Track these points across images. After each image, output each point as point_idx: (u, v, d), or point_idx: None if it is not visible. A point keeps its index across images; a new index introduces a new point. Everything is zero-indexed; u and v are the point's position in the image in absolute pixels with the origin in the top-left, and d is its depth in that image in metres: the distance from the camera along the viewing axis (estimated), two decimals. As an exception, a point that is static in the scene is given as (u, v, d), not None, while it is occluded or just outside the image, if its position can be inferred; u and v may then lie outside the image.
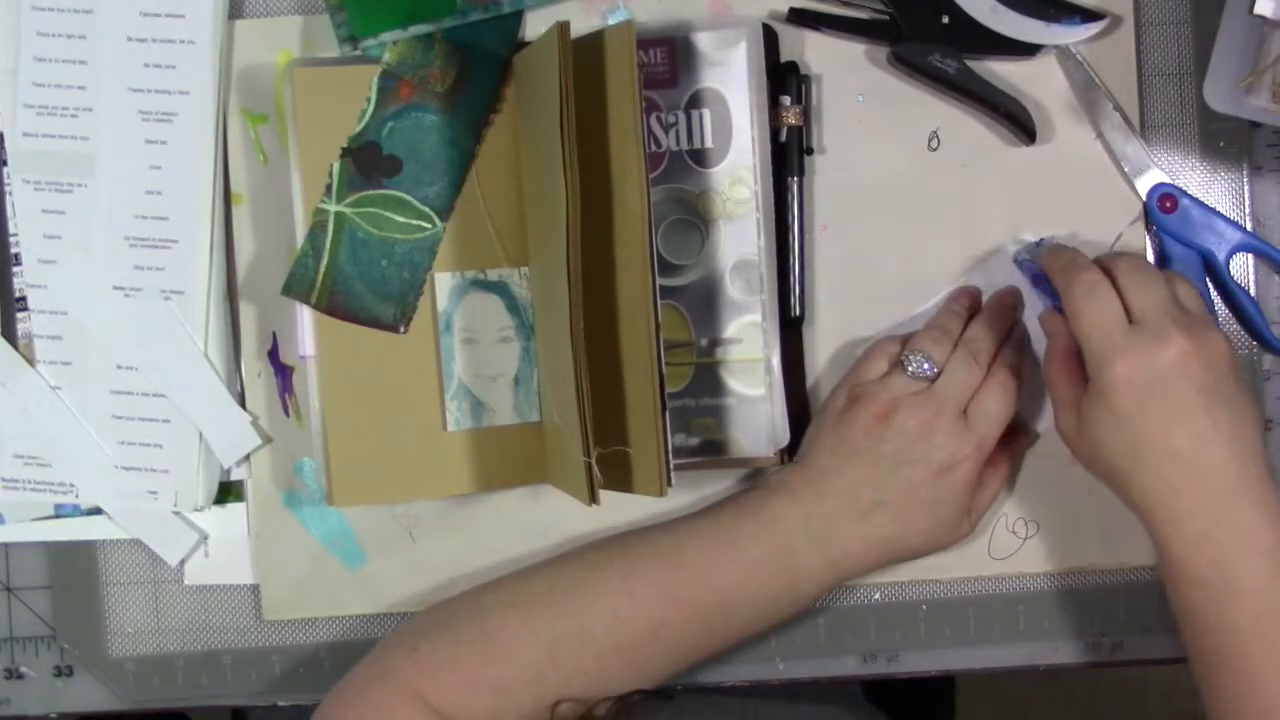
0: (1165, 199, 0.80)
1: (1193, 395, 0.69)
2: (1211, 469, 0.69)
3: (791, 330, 0.80)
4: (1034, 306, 0.80)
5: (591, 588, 0.74)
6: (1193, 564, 0.69)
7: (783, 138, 0.79)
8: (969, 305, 0.79)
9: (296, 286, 0.78)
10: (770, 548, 0.74)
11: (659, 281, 0.71)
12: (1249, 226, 0.81)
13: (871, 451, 0.74)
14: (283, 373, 0.81)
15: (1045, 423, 0.81)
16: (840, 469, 0.75)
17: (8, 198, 0.80)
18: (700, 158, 0.79)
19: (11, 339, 0.81)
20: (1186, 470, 0.69)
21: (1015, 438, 0.80)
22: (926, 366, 0.75)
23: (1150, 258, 0.81)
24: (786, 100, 0.79)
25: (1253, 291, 0.81)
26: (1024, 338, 0.80)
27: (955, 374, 0.75)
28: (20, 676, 0.83)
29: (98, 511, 0.82)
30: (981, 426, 0.75)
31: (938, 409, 0.74)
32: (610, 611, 0.73)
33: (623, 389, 0.74)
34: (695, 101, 0.78)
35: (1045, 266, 0.76)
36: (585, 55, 0.73)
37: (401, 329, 0.79)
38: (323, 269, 0.78)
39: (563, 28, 0.71)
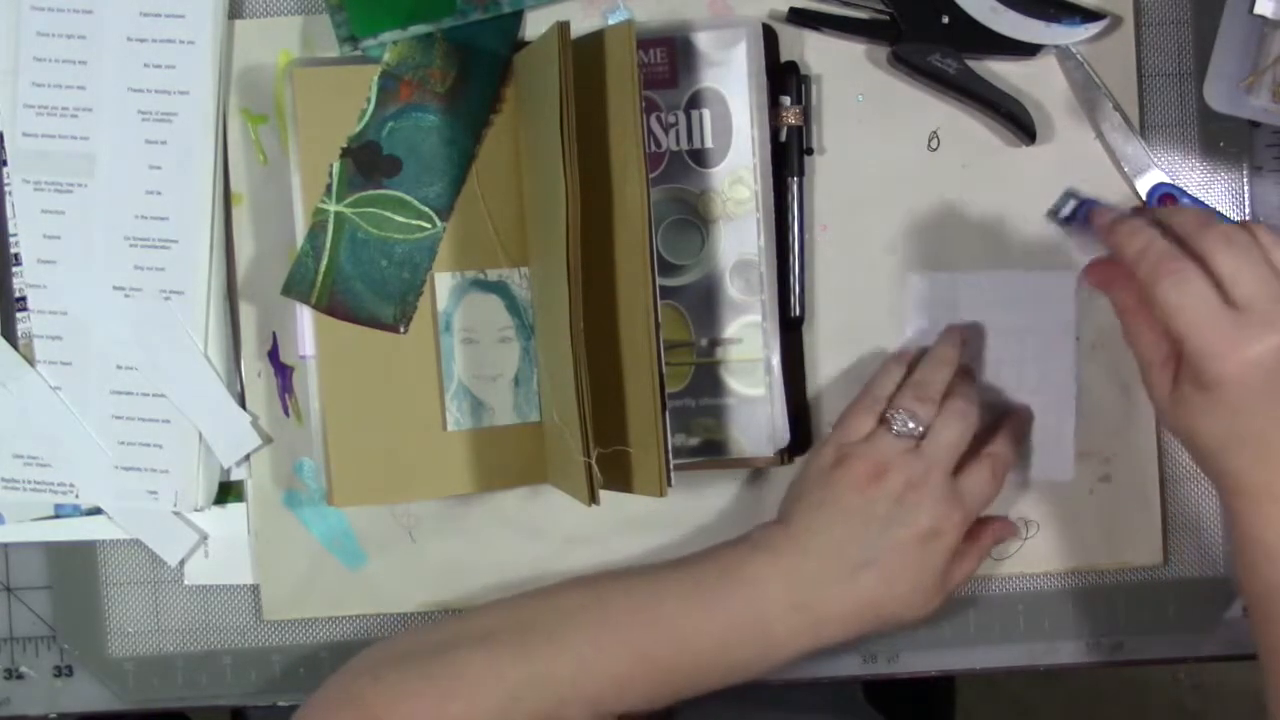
0: (1165, 199, 0.80)
1: None
2: None
3: (791, 330, 0.80)
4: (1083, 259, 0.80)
5: (562, 635, 0.72)
6: (1269, 540, 0.67)
7: (783, 138, 0.79)
8: (955, 347, 0.78)
9: (296, 286, 0.78)
10: (749, 611, 0.73)
11: (659, 281, 0.71)
12: (1249, 226, 0.81)
13: (863, 511, 0.73)
14: (283, 373, 0.81)
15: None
16: (827, 527, 0.73)
17: (8, 198, 0.80)
18: (700, 158, 0.79)
19: (11, 339, 0.81)
20: None
21: (1000, 525, 0.80)
22: (911, 425, 0.74)
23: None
24: (786, 100, 0.79)
25: (1253, 291, 0.81)
26: (1024, 415, 0.80)
27: (944, 434, 0.74)
28: (20, 676, 0.83)
29: (98, 511, 0.82)
30: (969, 500, 0.74)
31: (927, 471, 0.73)
32: (578, 662, 0.72)
33: (623, 389, 0.74)
34: (695, 101, 0.78)
35: (1113, 247, 0.72)
36: (585, 55, 0.73)
37: (401, 329, 0.79)
38: (323, 269, 0.78)
39: (562, 28, 0.71)
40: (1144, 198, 0.80)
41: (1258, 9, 0.77)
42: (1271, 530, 0.67)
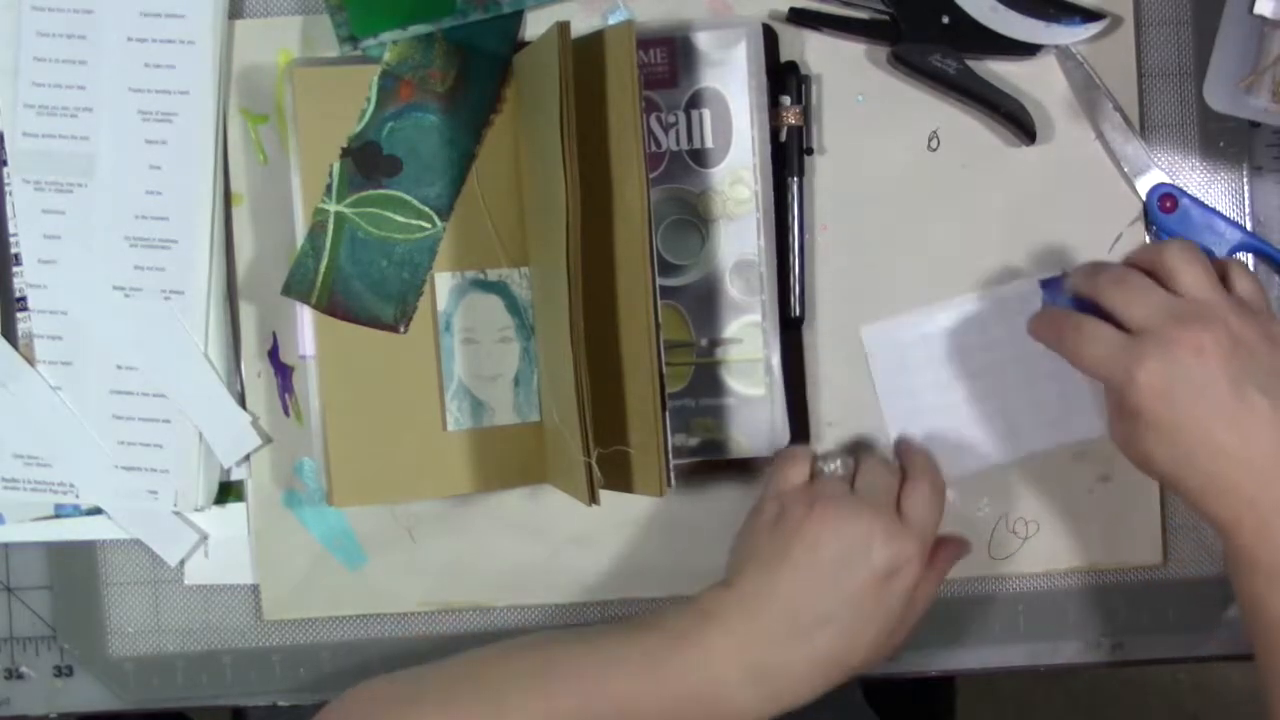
0: (1165, 199, 0.80)
1: (1219, 385, 0.67)
2: (1261, 456, 0.67)
3: (791, 330, 0.80)
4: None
5: (514, 701, 0.70)
6: (1257, 553, 0.67)
7: (783, 138, 0.79)
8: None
9: (296, 286, 0.78)
10: (699, 682, 0.70)
11: (659, 281, 0.71)
12: (1249, 226, 0.81)
13: (810, 562, 0.70)
14: (283, 373, 0.81)
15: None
16: (777, 585, 0.70)
17: (8, 198, 0.80)
18: (700, 158, 0.79)
19: (11, 339, 0.81)
20: (1236, 463, 0.67)
21: (955, 545, 0.77)
22: (838, 464, 0.76)
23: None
24: (786, 100, 0.79)
25: (1253, 291, 0.81)
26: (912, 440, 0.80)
27: (874, 473, 0.74)
28: (20, 676, 0.83)
29: (98, 511, 0.82)
30: (918, 523, 0.72)
31: (873, 510, 0.71)
32: None
33: (623, 389, 0.74)
34: (695, 101, 0.78)
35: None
36: (585, 55, 0.73)
37: (401, 329, 0.79)
38: (323, 269, 0.78)
39: (562, 28, 0.71)
40: (1144, 197, 0.80)
41: (1258, 9, 0.77)
42: (1252, 539, 0.68)
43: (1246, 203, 0.82)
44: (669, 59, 0.78)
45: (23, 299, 0.81)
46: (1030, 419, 0.80)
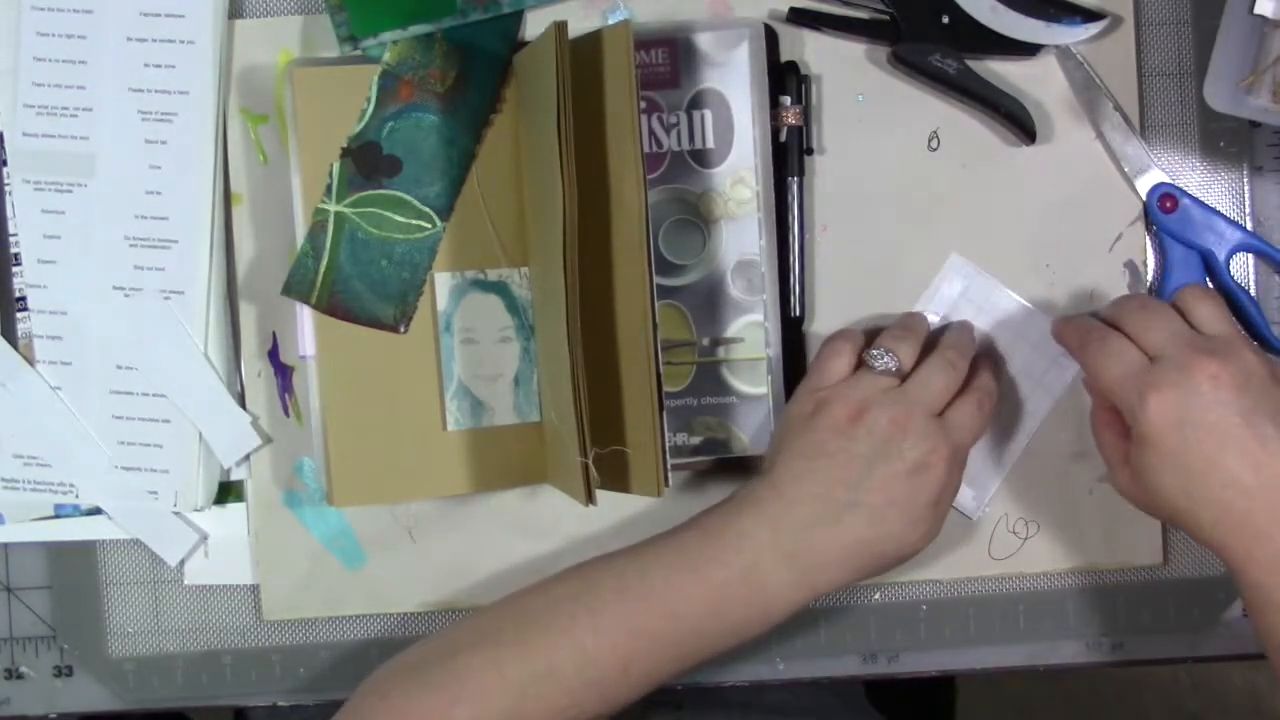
0: (1165, 199, 0.80)
1: (1232, 417, 0.68)
2: (1273, 489, 0.67)
3: (792, 330, 0.80)
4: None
5: (559, 625, 0.71)
6: (1271, 588, 0.67)
7: (783, 138, 0.79)
8: (925, 321, 0.79)
9: (296, 286, 0.78)
10: (738, 570, 0.71)
11: (661, 281, 0.71)
12: (1249, 226, 0.81)
13: (845, 452, 0.72)
14: (283, 373, 0.81)
15: (1022, 440, 0.81)
16: (811, 473, 0.72)
17: (8, 198, 0.80)
18: (702, 158, 0.79)
19: (11, 339, 0.81)
20: (1247, 494, 0.67)
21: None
22: (891, 361, 0.74)
23: (1150, 258, 0.81)
24: (786, 100, 0.79)
25: (1253, 291, 0.81)
26: (1001, 362, 0.80)
27: (931, 378, 0.74)
28: (20, 676, 0.83)
29: (98, 511, 0.82)
30: (956, 433, 0.73)
31: (911, 408, 0.72)
32: (579, 650, 0.71)
33: (621, 389, 0.74)
34: (697, 102, 0.78)
35: (1057, 339, 0.77)
36: (583, 55, 0.73)
37: (401, 329, 0.79)
38: (323, 269, 0.78)
39: (559, 28, 0.71)
40: (1144, 198, 0.80)
41: (1258, 9, 0.77)
42: (1266, 573, 0.68)
43: (1246, 203, 0.82)
44: (671, 59, 0.78)
45: (23, 299, 0.81)
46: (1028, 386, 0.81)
